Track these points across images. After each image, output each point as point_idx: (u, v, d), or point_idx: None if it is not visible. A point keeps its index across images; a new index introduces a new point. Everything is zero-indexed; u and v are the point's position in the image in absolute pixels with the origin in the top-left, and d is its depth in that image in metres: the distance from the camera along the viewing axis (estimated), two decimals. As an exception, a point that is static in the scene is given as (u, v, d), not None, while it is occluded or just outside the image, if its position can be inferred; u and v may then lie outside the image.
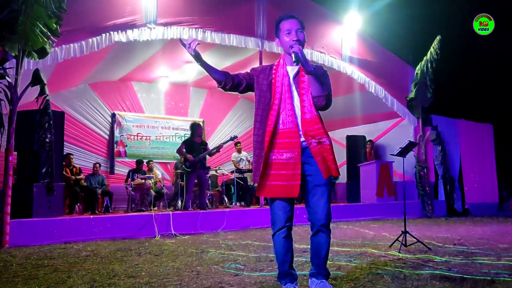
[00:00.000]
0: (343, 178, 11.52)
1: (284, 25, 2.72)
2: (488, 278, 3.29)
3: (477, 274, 3.46)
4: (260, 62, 8.71)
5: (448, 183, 11.43)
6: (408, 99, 11.01)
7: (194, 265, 4.12)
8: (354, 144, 11.14)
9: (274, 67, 2.83)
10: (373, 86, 10.30)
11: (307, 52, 8.98)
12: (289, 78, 2.75)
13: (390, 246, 5.05)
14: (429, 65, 10.76)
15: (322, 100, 2.67)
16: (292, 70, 2.77)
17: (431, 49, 10.70)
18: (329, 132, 2.84)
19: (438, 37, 10.68)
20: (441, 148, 11.31)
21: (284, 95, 2.71)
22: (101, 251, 5.22)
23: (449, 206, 11.34)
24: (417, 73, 10.95)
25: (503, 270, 3.62)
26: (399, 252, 4.61)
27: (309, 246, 2.86)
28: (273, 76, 2.78)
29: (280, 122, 2.67)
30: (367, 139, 11.26)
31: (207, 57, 10.54)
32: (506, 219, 9.50)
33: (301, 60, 2.50)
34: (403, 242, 4.91)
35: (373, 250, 4.78)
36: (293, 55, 2.51)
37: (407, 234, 5.10)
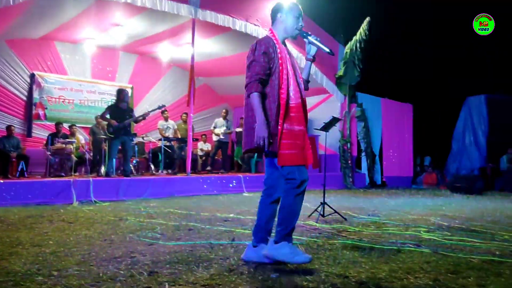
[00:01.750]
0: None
1: (296, 10, 2.95)
2: (395, 248, 3.40)
3: (385, 243, 3.57)
4: (193, 31, 8.33)
5: (369, 157, 11.94)
6: (336, 76, 11.19)
7: (108, 234, 3.89)
8: (284, 117, 11.17)
9: (275, 42, 2.86)
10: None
11: (242, 23, 8.72)
12: (290, 56, 2.93)
13: (309, 216, 5.11)
14: (357, 45, 10.96)
15: (307, 85, 2.99)
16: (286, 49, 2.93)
17: (361, 29, 10.90)
18: None
19: (367, 19, 10.89)
20: (364, 124, 11.73)
21: (290, 72, 2.81)
22: (9, 218, 4.79)
23: (369, 179, 11.88)
24: (346, 52, 11.13)
25: (409, 240, 3.76)
26: (316, 222, 4.67)
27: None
28: (279, 52, 2.82)
29: (291, 97, 2.75)
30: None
31: (137, 22, 10.05)
32: (418, 192, 10.11)
33: (320, 47, 3.01)
34: (321, 213, 4.99)
35: (292, 220, 4.79)
36: (309, 44, 3.06)
37: (326, 205, 5.18)
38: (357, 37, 10.90)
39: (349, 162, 11.17)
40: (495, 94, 13.74)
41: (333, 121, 5.44)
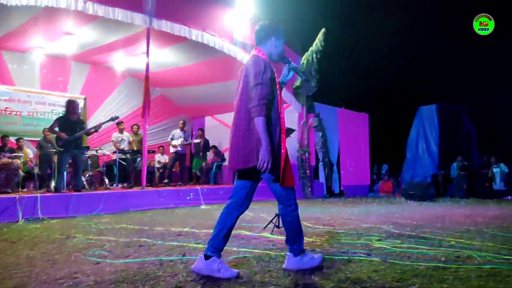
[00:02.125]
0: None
1: (283, 35, 3.13)
2: (346, 257, 3.44)
3: (337, 253, 3.61)
4: (148, 41, 8.21)
5: (327, 166, 12.14)
6: (294, 87, 11.34)
7: (52, 253, 3.71)
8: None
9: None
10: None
11: (198, 33, 8.69)
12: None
13: (264, 228, 5.08)
14: (314, 55, 11.17)
15: None
16: None
17: (316, 40, 11.12)
18: (219, 115, 2.80)
19: (323, 30, 11.13)
20: (322, 134, 11.93)
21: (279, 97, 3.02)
22: None
23: (327, 188, 12.07)
24: (303, 63, 11.31)
25: (360, 249, 3.82)
26: (271, 234, 4.66)
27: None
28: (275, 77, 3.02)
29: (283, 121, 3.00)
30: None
31: (89, 30, 9.75)
32: (374, 200, 10.36)
33: (299, 74, 3.36)
34: (276, 224, 4.98)
35: (246, 233, 4.78)
36: (290, 70, 3.25)
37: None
38: (313, 47, 11.11)
39: (308, 171, 11.31)
40: (444, 104, 14.38)
41: (288, 132, 5.48)
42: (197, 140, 11.41)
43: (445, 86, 16.25)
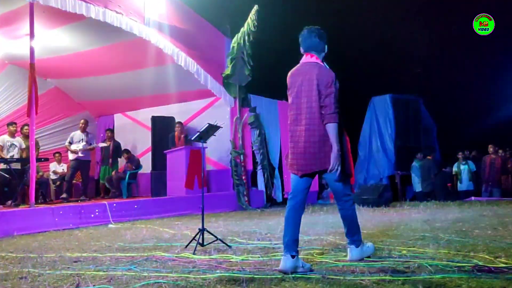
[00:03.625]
0: (147, 167, 11.41)
1: None
2: (279, 276, 3.50)
3: (269, 272, 3.66)
4: (31, 19, 7.83)
5: (266, 171, 12.25)
6: (223, 75, 11.34)
7: None
8: (161, 127, 11.13)
9: None
10: (183, 59, 10.27)
11: (98, 10, 8.44)
12: None
13: (186, 246, 5.07)
14: (246, 38, 11.23)
15: None
16: None
17: (248, 19, 11.16)
18: (132, 112, 2.74)
19: (255, 7, 11.17)
20: (259, 132, 12.02)
21: None
22: None
23: (268, 196, 12.19)
24: (233, 47, 11.33)
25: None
26: (193, 254, 4.64)
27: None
28: None
29: None
30: (176, 120, 11.30)
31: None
32: (322, 208, 10.60)
33: None
34: (200, 241, 4.97)
35: (163, 254, 4.73)
36: None
37: (207, 232, 5.19)
38: (245, 28, 11.16)
39: (243, 178, 11.37)
40: (400, 94, 15.02)
41: (210, 129, 5.48)
42: (104, 144, 11.12)
43: (400, 75, 17.04)
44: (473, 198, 11.78)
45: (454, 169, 13.24)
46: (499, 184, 12.57)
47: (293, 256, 3.65)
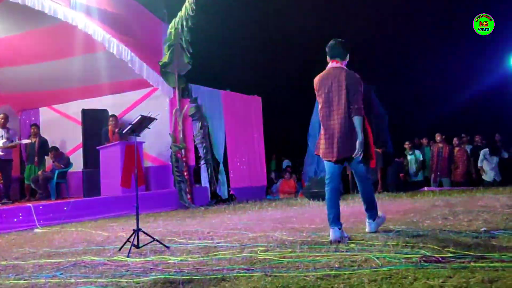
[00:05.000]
0: (78, 165, 11.15)
1: None
2: (219, 276, 3.51)
3: (209, 272, 3.66)
4: None
5: (210, 166, 12.21)
6: (161, 64, 11.18)
7: None
8: (93, 121, 10.90)
9: None
10: (116, 46, 10.05)
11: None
12: None
13: (120, 249, 4.99)
14: (184, 23, 11.11)
15: None
16: None
17: (186, 3, 11.06)
18: (60, 105, 2.65)
19: (193, -11, 11.09)
20: (201, 125, 11.94)
21: None
22: None
23: (212, 193, 12.16)
24: (170, 32, 11.20)
25: (240, 263, 3.93)
26: (127, 257, 4.58)
27: None
28: None
29: None
30: (110, 113, 11.07)
31: None
32: (270, 204, 10.68)
33: None
34: (135, 243, 4.90)
35: (93, 258, 4.64)
36: None
37: (143, 233, 5.14)
38: (182, 12, 11.05)
39: (185, 174, 11.28)
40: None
41: (144, 121, 5.39)
42: (28, 141, 10.79)
43: (353, 63, 17.35)
44: (426, 188, 12.19)
45: (406, 159, 13.68)
46: (448, 174, 13.05)
47: (339, 228, 4.83)
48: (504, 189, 9.89)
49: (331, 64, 5.14)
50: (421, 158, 13.43)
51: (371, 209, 5.20)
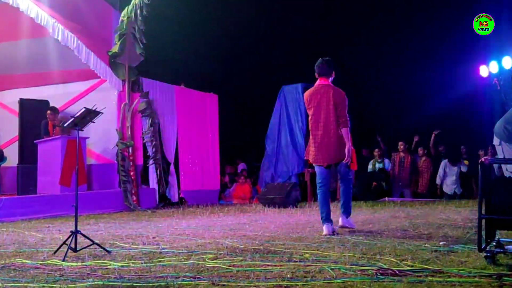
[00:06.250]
0: (13, 160, 10.89)
1: None
2: (163, 283, 3.49)
3: (151, 280, 3.64)
4: None
5: (159, 166, 12.10)
6: (110, 54, 11.02)
7: None
8: (32, 112, 10.69)
9: None
10: (61, 32, 9.88)
11: None
12: None
13: (55, 253, 4.88)
14: (138, 11, 10.99)
15: None
16: None
17: (141, -11, 10.97)
18: None
19: (149, -24, 10.98)
20: (151, 121, 11.83)
21: None
22: None
23: (161, 196, 12.04)
24: (122, 21, 11.04)
25: (186, 271, 3.91)
26: (63, 261, 4.48)
27: None
28: None
29: None
30: (51, 105, 10.84)
31: None
32: (222, 209, 10.67)
33: None
34: (72, 246, 4.81)
35: (25, 261, 4.53)
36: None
37: (82, 235, 5.05)
38: (136, 0, 10.93)
39: (132, 174, 11.14)
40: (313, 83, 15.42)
41: (88, 114, 5.29)
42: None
43: (311, 63, 17.48)
44: (386, 198, 12.38)
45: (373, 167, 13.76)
46: (409, 184, 13.29)
47: (331, 224, 5.97)
48: (467, 202, 10.18)
49: (319, 81, 6.22)
50: (388, 168, 13.52)
51: (346, 206, 6.27)
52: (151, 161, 11.93)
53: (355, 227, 6.37)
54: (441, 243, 4.99)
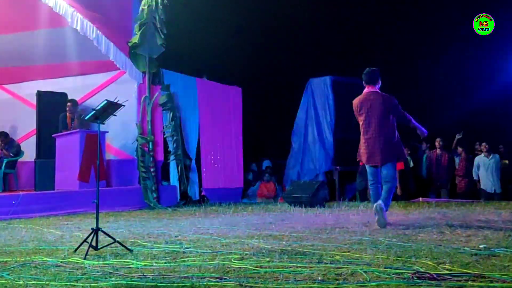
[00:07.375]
0: (30, 154, 11.05)
1: None
2: (188, 284, 3.53)
3: (176, 280, 3.68)
4: None
5: (181, 162, 12.16)
6: (130, 45, 11.11)
7: None
8: (50, 105, 10.82)
9: None
10: (80, 21, 10.00)
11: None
12: None
13: (75, 250, 4.97)
14: (158, 1, 11.08)
15: None
16: None
17: (162, -24, 11.05)
18: (12, 85, 2.68)
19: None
20: (173, 116, 11.89)
21: None
22: None
23: (182, 193, 12.11)
24: (142, 9, 11.13)
25: (212, 272, 3.94)
26: (84, 258, 4.57)
27: None
28: None
29: None
30: (69, 98, 10.98)
31: None
32: (246, 208, 10.71)
33: None
34: (93, 244, 4.89)
35: (45, 259, 4.62)
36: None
37: (103, 233, 5.13)
38: (157, -12, 11.03)
39: (152, 170, 11.24)
40: (342, 76, 15.26)
41: (109, 107, 5.34)
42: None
43: (339, 55, 17.40)
44: (420, 199, 12.27)
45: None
46: (447, 184, 13.09)
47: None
48: (507, 204, 10.03)
49: (367, 89, 7.04)
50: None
51: (388, 202, 6.93)
52: (172, 157, 12.01)
53: (389, 221, 6.76)
54: (481, 246, 4.93)
